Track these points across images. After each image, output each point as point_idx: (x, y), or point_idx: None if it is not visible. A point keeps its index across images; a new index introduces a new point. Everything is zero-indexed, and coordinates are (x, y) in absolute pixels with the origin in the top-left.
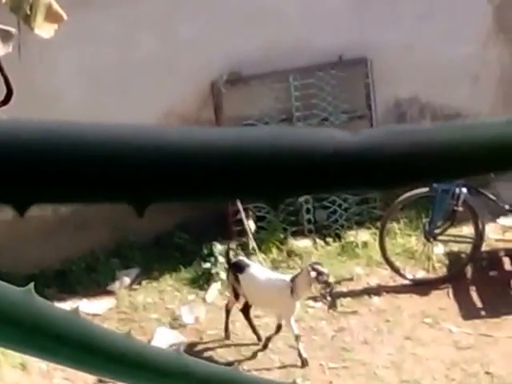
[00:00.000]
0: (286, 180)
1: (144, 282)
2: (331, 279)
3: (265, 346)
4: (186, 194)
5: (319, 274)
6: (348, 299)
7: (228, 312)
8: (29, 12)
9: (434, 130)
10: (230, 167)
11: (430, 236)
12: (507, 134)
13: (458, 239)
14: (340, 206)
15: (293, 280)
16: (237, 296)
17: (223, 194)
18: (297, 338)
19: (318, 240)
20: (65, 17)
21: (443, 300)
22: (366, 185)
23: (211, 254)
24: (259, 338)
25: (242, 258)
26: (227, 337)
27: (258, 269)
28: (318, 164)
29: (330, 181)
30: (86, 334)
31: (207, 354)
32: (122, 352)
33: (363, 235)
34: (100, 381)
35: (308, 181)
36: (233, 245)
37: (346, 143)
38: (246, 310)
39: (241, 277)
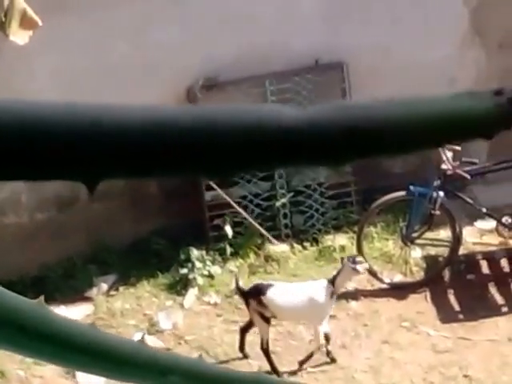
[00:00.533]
0: (234, 155)
1: (121, 288)
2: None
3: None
4: (131, 171)
5: (358, 263)
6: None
7: (243, 333)
8: (3, 19)
9: (380, 105)
10: (176, 144)
11: (408, 240)
12: (451, 108)
13: (435, 243)
14: (317, 210)
15: (333, 280)
16: (267, 319)
17: (170, 170)
18: (327, 338)
19: (295, 245)
20: (40, 23)
21: (421, 304)
22: (313, 159)
23: (188, 259)
24: (245, 356)
25: (258, 282)
26: (245, 356)
27: (281, 285)
28: (267, 139)
29: (278, 156)
30: (95, 340)
31: None
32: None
33: (340, 239)
34: None
35: (257, 156)
36: (235, 274)
37: (293, 119)
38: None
39: (266, 299)
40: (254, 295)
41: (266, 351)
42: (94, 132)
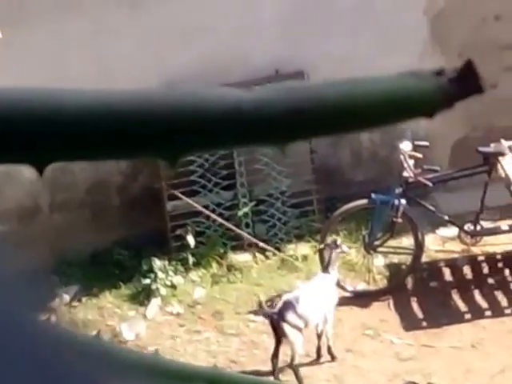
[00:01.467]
0: (183, 138)
1: (84, 299)
2: (272, 293)
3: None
4: (85, 154)
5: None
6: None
7: (276, 360)
8: None
9: (324, 86)
10: (128, 126)
11: (370, 248)
12: (394, 88)
13: (397, 251)
14: (279, 219)
15: (327, 269)
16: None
17: (120, 152)
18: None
19: (257, 254)
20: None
21: (384, 311)
22: (259, 139)
23: (151, 269)
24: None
25: (281, 299)
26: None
27: (299, 292)
28: (215, 121)
29: (226, 136)
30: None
31: None
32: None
33: (303, 248)
34: None
35: (205, 137)
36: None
37: (240, 100)
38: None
39: (300, 310)
40: (286, 312)
41: (296, 367)
42: (55, 117)
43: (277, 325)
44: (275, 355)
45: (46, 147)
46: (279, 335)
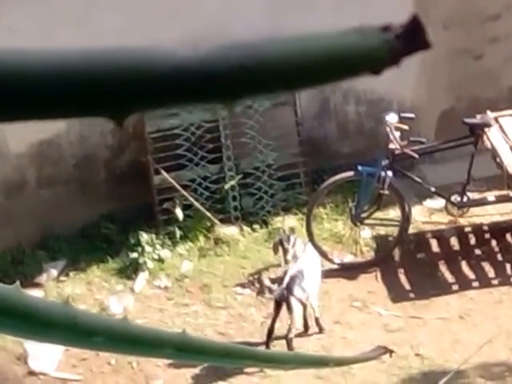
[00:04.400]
0: (129, 96)
1: (71, 274)
2: (259, 266)
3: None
4: (32, 112)
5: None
6: (276, 285)
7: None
8: None
9: (268, 43)
10: (72, 84)
11: (357, 220)
12: (339, 44)
13: (384, 222)
14: (266, 192)
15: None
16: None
17: (65, 111)
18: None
19: (244, 227)
20: None
21: (371, 283)
22: (207, 97)
23: (138, 243)
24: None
25: (286, 275)
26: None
27: (301, 265)
28: (160, 79)
29: (172, 95)
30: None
31: None
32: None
33: (290, 221)
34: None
35: (152, 96)
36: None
37: (185, 58)
38: (272, 330)
39: (305, 284)
40: (293, 286)
41: (291, 340)
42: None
43: (285, 300)
44: (272, 330)
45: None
46: (279, 310)
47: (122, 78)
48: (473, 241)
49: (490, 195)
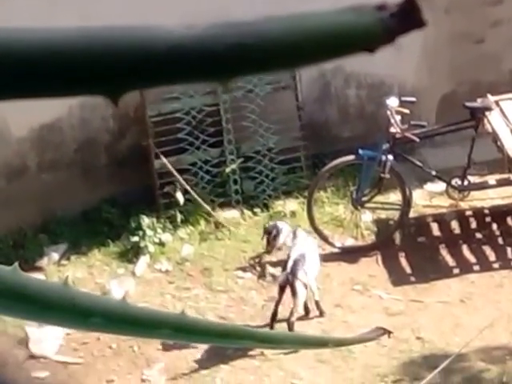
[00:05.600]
0: (125, 75)
1: (73, 258)
2: (260, 250)
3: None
4: (28, 89)
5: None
6: (277, 269)
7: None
8: None
9: (264, 22)
10: (67, 62)
11: (358, 204)
12: (334, 23)
13: (385, 206)
14: (267, 176)
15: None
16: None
17: (63, 88)
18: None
19: (245, 211)
20: None
21: (372, 267)
22: (203, 75)
23: (139, 227)
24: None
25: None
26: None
27: (300, 248)
28: (157, 57)
29: (168, 74)
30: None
31: None
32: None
33: (291, 205)
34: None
35: (148, 74)
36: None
37: (182, 37)
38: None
39: (307, 267)
40: (297, 270)
41: (292, 323)
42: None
43: (290, 284)
44: (275, 314)
45: None
46: (282, 294)
47: (118, 55)
48: (474, 224)
49: (491, 179)
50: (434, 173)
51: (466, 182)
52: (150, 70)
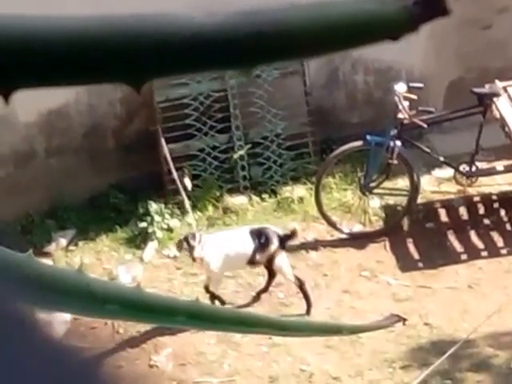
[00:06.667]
0: (146, 63)
1: (80, 243)
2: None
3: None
4: (53, 77)
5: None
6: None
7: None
8: None
9: (286, 10)
10: (89, 51)
11: (366, 190)
12: (357, 10)
13: (393, 192)
14: (275, 162)
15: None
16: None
17: (83, 77)
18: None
19: (253, 196)
20: None
21: (380, 253)
22: (223, 64)
23: (147, 213)
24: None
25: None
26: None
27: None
28: (177, 45)
29: (189, 62)
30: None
31: None
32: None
33: (299, 190)
34: None
35: (168, 62)
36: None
37: (202, 25)
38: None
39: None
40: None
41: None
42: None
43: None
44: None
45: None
46: (273, 272)
47: (141, 44)
48: (481, 210)
49: (499, 165)
50: (441, 159)
51: (473, 168)
52: (172, 57)
